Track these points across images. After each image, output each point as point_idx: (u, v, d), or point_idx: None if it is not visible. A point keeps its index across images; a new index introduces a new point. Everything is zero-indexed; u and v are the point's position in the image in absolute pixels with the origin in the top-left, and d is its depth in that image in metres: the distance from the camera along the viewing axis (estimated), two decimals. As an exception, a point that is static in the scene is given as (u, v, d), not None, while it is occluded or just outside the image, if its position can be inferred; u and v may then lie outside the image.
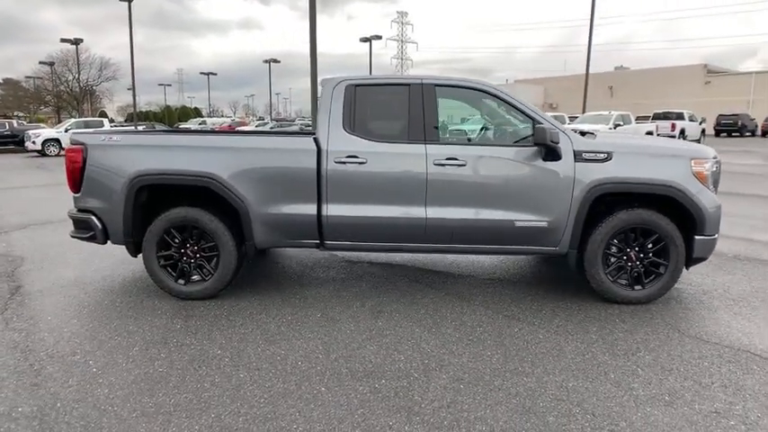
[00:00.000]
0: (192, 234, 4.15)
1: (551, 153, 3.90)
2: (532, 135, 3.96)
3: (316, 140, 4.08)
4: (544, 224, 3.98)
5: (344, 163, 4.01)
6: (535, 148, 3.95)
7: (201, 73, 60.36)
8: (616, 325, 3.69)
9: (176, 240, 4.17)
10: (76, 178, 4.18)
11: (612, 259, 4.07)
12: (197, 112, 77.61)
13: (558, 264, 5.22)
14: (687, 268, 4.16)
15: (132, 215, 4.12)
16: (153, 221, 4.14)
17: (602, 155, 3.93)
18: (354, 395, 2.77)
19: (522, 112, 4.06)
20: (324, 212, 4.06)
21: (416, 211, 4.03)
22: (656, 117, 26.52)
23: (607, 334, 3.54)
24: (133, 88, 22.67)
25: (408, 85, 4.12)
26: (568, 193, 3.93)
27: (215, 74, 61.88)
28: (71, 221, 4.35)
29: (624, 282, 4.07)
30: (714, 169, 4.07)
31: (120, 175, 4.08)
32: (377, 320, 3.78)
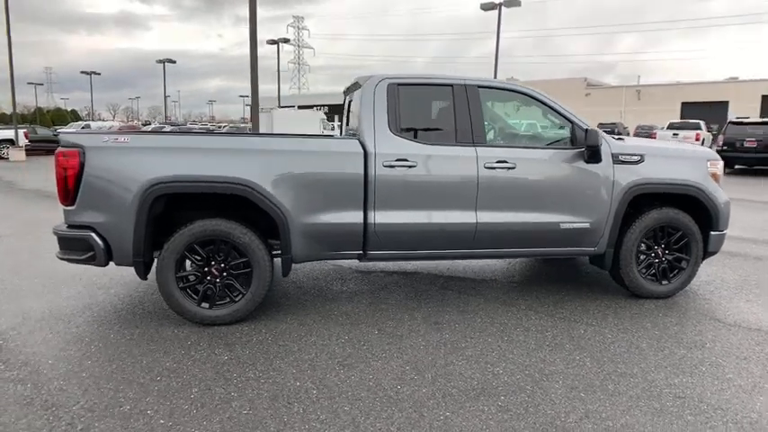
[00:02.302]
0: (219, 250, 3.62)
1: (594, 155, 3.99)
2: (572, 137, 4.04)
3: (361, 143, 3.77)
4: (587, 225, 4.06)
5: (393, 167, 3.76)
6: (577, 150, 4.02)
7: (83, 72, 54.07)
8: (665, 318, 3.86)
9: (199, 257, 3.61)
10: (70, 188, 3.44)
11: (642, 257, 4.27)
12: (75, 115, 69.49)
13: (553, 263, 5.38)
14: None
15: (145, 230, 3.49)
16: (171, 237, 3.54)
17: (635, 157, 4.11)
18: (486, 416, 2.56)
19: (561, 115, 4.11)
20: (370, 220, 3.77)
21: (467, 216, 3.89)
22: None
23: (664, 328, 3.69)
24: (12, 88, 19.56)
25: (451, 85, 3.97)
26: (608, 195, 4.05)
27: (98, 73, 55.90)
28: (59, 240, 3.58)
29: (652, 278, 4.29)
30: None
31: (131, 183, 3.43)
32: (441, 333, 3.58)
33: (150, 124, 51.17)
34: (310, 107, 42.89)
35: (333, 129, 31.95)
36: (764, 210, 9.13)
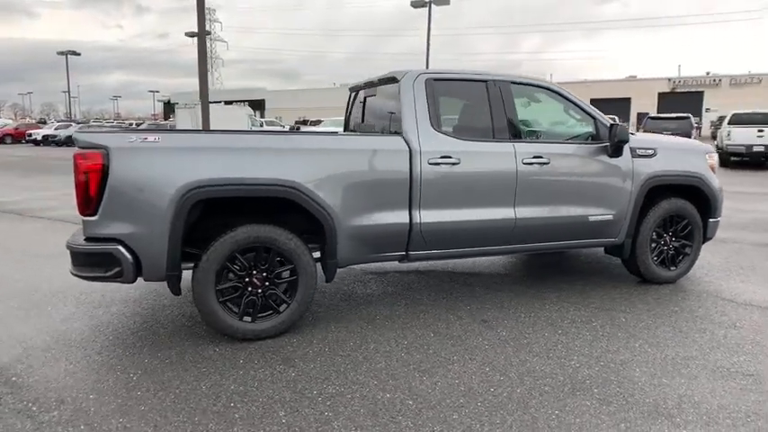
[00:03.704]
0: (261, 257, 3.32)
1: (618, 150, 4.15)
2: (595, 132, 4.18)
3: (405, 140, 3.63)
4: (610, 217, 4.22)
5: (438, 164, 3.66)
6: (601, 145, 4.16)
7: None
8: (685, 302, 4.11)
9: (239, 267, 3.30)
10: (92, 195, 2.99)
11: (653, 245, 4.53)
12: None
13: (552, 254, 5.57)
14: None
15: (181, 240, 3.13)
16: (210, 245, 3.20)
17: (650, 151, 4.33)
18: (594, 411, 2.57)
19: (584, 110, 4.24)
20: (415, 219, 3.65)
21: (506, 212, 3.89)
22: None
23: (691, 311, 3.91)
24: None
25: (485, 81, 3.95)
26: (629, 187, 4.24)
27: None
28: (75, 256, 3.10)
29: (661, 264, 4.57)
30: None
31: (165, 188, 3.06)
32: (496, 331, 3.55)
33: (45, 123, 46.46)
34: (230, 103, 41.18)
35: (262, 125, 30.89)
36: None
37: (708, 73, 45.94)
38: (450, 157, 3.69)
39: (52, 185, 11.65)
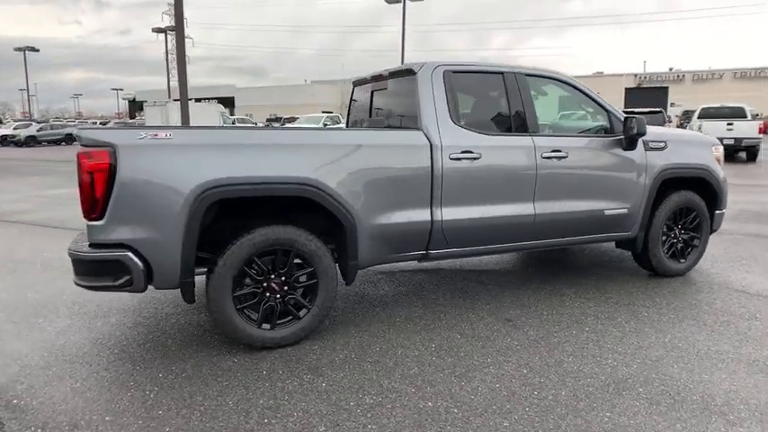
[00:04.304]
0: (279, 260, 3.13)
1: (632, 143, 4.11)
2: (609, 126, 4.13)
3: (425, 135, 3.48)
4: (625, 211, 4.18)
5: (459, 159, 3.53)
6: (616, 138, 4.11)
7: None
8: (699, 294, 4.10)
9: (256, 271, 3.09)
10: (98, 197, 2.73)
11: (664, 238, 4.52)
12: None
13: (553, 249, 5.53)
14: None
15: (197, 244, 2.90)
16: (226, 249, 2.98)
17: (661, 143, 4.31)
18: (645, 411, 2.48)
19: (598, 104, 4.18)
20: (437, 217, 3.51)
21: (526, 208, 3.80)
22: None
23: (708, 303, 3.90)
24: None
25: (502, 73, 3.84)
26: (643, 180, 4.20)
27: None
28: (78, 264, 2.84)
29: (671, 257, 4.56)
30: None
31: (179, 188, 2.83)
32: (523, 330, 3.45)
33: (1, 122, 44.37)
34: (199, 100, 40.15)
35: (234, 123, 30.23)
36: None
37: (671, 69, 47.40)
38: (471, 152, 3.56)
39: (21, 188, 11.04)
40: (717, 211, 4.67)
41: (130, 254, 2.79)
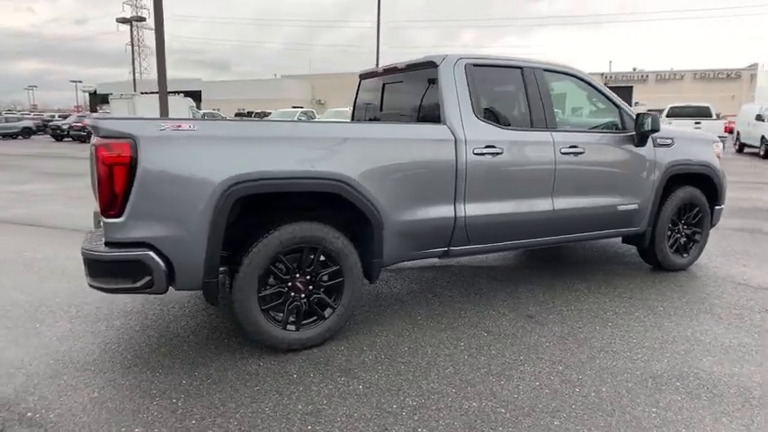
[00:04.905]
0: (305, 259, 3.00)
1: (643, 139, 4.14)
2: (621, 122, 4.16)
3: (449, 129, 3.41)
4: (636, 206, 4.22)
5: (483, 154, 3.47)
6: (627, 134, 4.14)
7: None
8: (706, 288, 4.18)
9: (282, 269, 2.96)
10: (117, 192, 2.54)
11: (669, 233, 4.59)
12: None
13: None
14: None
15: (222, 242, 2.74)
16: (251, 247, 2.83)
17: (669, 140, 4.37)
18: (690, 407, 2.49)
19: (610, 100, 4.19)
20: (460, 213, 3.45)
21: (545, 204, 3.78)
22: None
23: (718, 296, 3.98)
24: None
25: (521, 68, 3.79)
26: (652, 176, 4.25)
27: None
28: (93, 264, 2.63)
29: (676, 252, 4.64)
30: (714, 151, 4.97)
31: (204, 183, 2.66)
32: (548, 327, 3.43)
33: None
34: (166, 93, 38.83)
35: (204, 117, 29.42)
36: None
37: (634, 69, 48.86)
38: (494, 147, 3.51)
39: (-18, 183, 10.40)
40: (717, 207, 4.78)
41: (152, 253, 2.61)
